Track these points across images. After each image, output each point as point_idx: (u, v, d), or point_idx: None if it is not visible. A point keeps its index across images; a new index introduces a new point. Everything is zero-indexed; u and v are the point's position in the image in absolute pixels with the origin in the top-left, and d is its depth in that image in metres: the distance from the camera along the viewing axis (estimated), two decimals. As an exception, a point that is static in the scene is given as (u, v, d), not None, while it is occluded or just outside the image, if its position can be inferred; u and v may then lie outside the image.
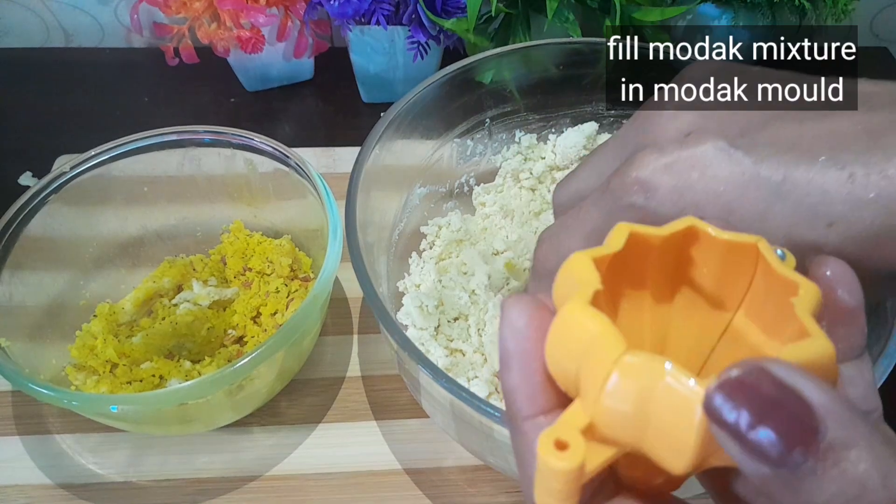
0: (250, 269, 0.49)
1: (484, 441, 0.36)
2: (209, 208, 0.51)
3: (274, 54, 0.64)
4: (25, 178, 0.59)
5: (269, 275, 0.48)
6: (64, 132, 0.64)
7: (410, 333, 0.43)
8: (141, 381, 0.43)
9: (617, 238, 0.18)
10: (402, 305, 0.44)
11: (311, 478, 0.42)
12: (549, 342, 0.17)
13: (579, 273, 0.17)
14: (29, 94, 0.68)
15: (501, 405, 0.40)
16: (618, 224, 0.19)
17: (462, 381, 0.41)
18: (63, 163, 0.58)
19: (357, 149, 0.40)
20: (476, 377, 0.43)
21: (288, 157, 0.45)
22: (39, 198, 0.44)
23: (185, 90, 0.68)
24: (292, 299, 0.46)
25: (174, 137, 0.46)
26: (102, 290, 0.48)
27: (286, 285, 0.47)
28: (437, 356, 0.43)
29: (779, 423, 0.13)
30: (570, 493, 0.16)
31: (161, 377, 0.44)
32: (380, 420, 0.45)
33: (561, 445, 0.15)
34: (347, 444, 0.44)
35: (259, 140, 0.46)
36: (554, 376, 0.17)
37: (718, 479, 0.18)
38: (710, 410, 0.14)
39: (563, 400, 0.17)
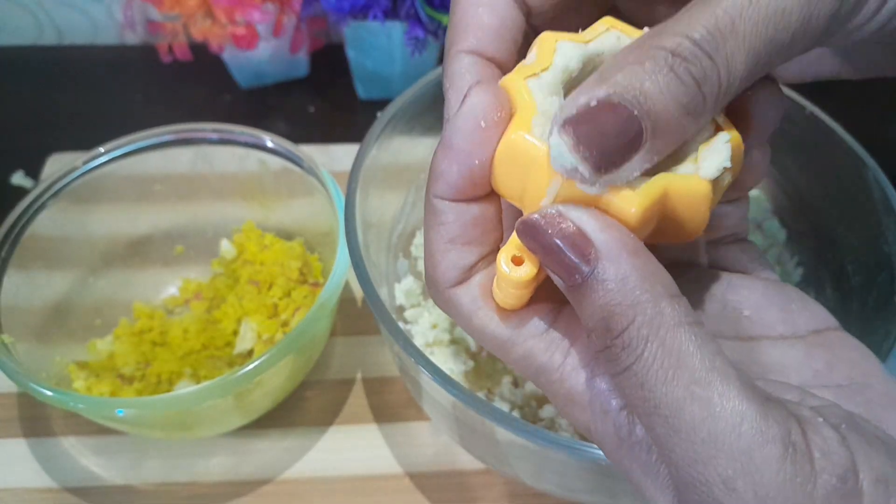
0: (260, 272, 0.48)
1: (485, 443, 0.36)
2: (220, 207, 0.50)
3: (269, 51, 0.64)
4: (18, 178, 0.58)
5: (278, 278, 0.47)
6: (56, 130, 0.63)
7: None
8: (142, 378, 0.43)
9: (545, 51, 0.20)
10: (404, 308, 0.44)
11: (310, 482, 0.42)
12: (496, 162, 0.19)
13: (517, 96, 0.19)
14: (21, 93, 0.67)
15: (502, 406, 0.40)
16: (542, 34, 0.20)
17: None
18: (55, 161, 0.57)
19: (354, 146, 0.39)
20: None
21: (299, 156, 0.45)
22: (48, 195, 0.43)
23: (179, 87, 0.68)
24: (299, 308, 0.45)
25: (185, 135, 0.46)
26: (111, 289, 0.47)
27: (295, 290, 0.46)
28: (439, 359, 0.42)
29: (566, 240, 0.17)
30: (523, 295, 0.19)
31: (159, 376, 0.43)
32: (381, 423, 0.44)
33: (516, 261, 0.19)
34: (349, 449, 0.43)
35: (268, 138, 0.46)
36: (501, 190, 0.20)
37: None
38: (519, 232, 0.18)
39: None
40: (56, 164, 0.57)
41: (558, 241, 0.17)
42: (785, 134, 0.42)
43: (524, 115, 0.19)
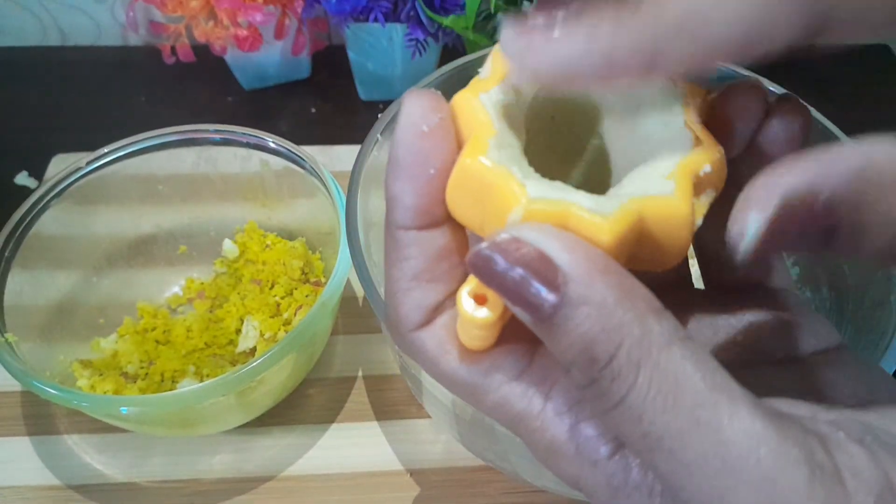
0: (262, 271, 0.48)
1: (486, 441, 0.36)
2: (223, 207, 0.50)
3: (271, 52, 0.64)
4: (22, 178, 0.58)
5: (280, 277, 0.48)
6: (60, 131, 0.63)
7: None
8: (145, 376, 0.43)
9: (500, 62, 0.18)
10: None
11: (311, 479, 0.42)
12: (451, 188, 0.17)
13: (471, 115, 0.18)
14: (25, 94, 0.68)
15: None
16: (494, 48, 0.19)
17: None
18: (59, 162, 0.58)
19: (355, 147, 0.40)
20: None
21: (301, 156, 0.45)
22: (52, 195, 0.44)
23: (182, 89, 0.68)
24: (301, 307, 0.46)
25: (188, 136, 0.46)
26: (115, 289, 0.48)
27: (297, 289, 0.47)
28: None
29: (527, 267, 0.15)
30: (490, 336, 0.17)
31: (163, 374, 0.44)
32: (382, 421, 0.44)
33: (480, 299, 0.17)
34: (350, 446, 0.43)
35: (270, 139, 0.46)
36: (460, 219, 0.18)
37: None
38: (471, 268, 0.15)
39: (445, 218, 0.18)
40: (60, 165, 0.57)
41: (517, 273, 0.15)
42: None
43: (480, 136, 0.17)
